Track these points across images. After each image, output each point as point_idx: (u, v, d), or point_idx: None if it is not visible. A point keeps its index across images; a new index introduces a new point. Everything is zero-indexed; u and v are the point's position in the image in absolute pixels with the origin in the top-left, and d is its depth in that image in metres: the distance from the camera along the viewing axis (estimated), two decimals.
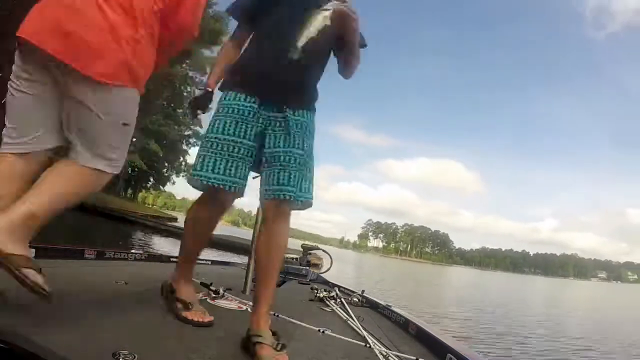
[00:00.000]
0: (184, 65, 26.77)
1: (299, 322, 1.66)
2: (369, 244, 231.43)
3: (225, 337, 1.34)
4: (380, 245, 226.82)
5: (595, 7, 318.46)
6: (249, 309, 1.78)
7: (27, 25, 1.06)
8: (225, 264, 3.41)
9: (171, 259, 2.98)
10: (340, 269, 3.69)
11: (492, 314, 10.68)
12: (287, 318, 1.69)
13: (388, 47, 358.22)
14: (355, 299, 2.48)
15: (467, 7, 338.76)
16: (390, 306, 2.29)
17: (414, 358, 1.41)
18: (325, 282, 3.22)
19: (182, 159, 37.13)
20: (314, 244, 3.89)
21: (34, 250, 2.02)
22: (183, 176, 38.57)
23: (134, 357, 0.97)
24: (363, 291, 2.69)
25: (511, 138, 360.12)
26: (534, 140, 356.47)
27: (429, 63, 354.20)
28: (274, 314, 1.72)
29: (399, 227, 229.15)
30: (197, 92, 1.51)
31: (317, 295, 2.34)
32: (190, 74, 29.34)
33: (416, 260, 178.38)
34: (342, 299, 2.30)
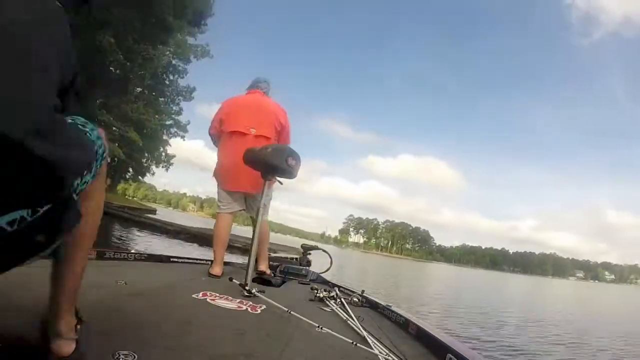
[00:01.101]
0: (167, 53, 26.04)
1: (298, 322, 1.66)
2: (350, 240, 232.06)
3: (225, 337, 1.34)
4: (361, 240, 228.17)
5: (582, 16, 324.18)
6: (249, 309, 1.80)
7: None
8: (225, 264, 3.41)
9: (171, 259, 3.01)
10: (323, 263, 3.72)
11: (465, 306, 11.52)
12: (297, 314, 1.70)
13: (376, 45, 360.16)
14: (355, 299, 2.48)
15: (454, 7, 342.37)
16: (390, 306, 2.29)
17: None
18: (325, 282, 3.22)
19: (162, 149, 36.15)
20: (314, 244, 3.88)
21: None
22: (163, 167, 37.78)
23: (134, 357, 0.98)
24: (363, 291, 2.69)
25: (494, 138, 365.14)
26: (516, 141, 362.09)
27: (417, 62, 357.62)
28: (287, 310, 1.74)
29: (380, 223, 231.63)
30: None
31: (317, 295, 2.34)
32: (173, 61, 28.64)
33: (397, 256, 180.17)
34: (342, 299, 2.30)
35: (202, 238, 15.51)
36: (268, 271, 2.97)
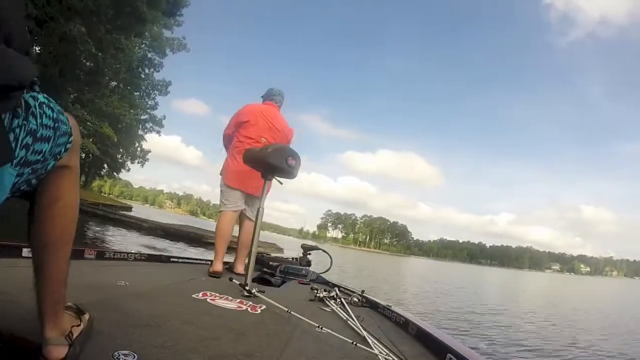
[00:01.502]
0: (142, 45, 25.37)
1: (298, 322, 1.66)
2: (328, 235, 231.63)
3: (225, 337, 1.33)
4: (340, 235, 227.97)
5: (560, 16, 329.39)
6: (249, 309, 1.80)
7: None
8: (225, 264, 3.41)
9: (171, 259, 3.02)
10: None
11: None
12: (296, 314, 1.70)
13: (357, 41, 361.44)
14: (355, 299, 2.49)
15: (436, 5, 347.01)
16: (390, 306, 2.30)
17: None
18: (325, 282, 3.23)
19: (137, 144, 35.41)
20: (313, 244, 3.89)
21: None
22: (138, 162, 36.96)
23: (134, 357, 0.97)
24: (363, 291, 2.70)
25: (473, 135, 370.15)
26: (494, 138, 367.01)
27: (397, 58, 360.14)
28: (287, 310, 1.74)
29: (358, 218, 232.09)
30: None
31: (317, 295, 2.34)
32: (149, 55, 27.97)
33: (375, 251, 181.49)
34: (342, 299, 2.30)
35: (176, 235, 15.46)
36: (241, 271, 2.98)
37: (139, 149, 35.73)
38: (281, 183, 2.69)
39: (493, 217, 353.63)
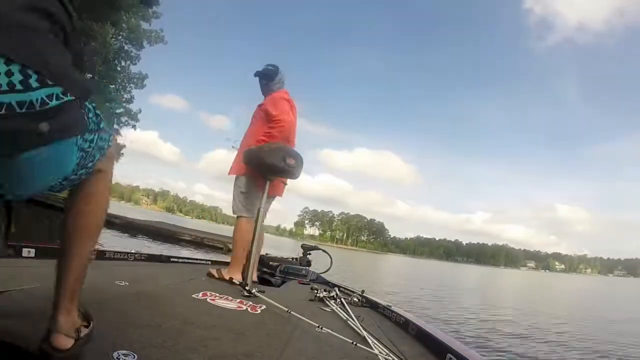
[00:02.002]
0: (119, 37, 24.55)
1: (298, 322, 1.66)
2: (306, 232, 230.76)
3: (225, 337, 1.33)
4: (317, 233, 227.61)
5: (539, 21, 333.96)
6: (249, 309, 1.80)
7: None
8: (225, 264, 3.38)
9: (171, 259, 3.02)
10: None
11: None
12: (296, 314, 1.70)
13: (334, 38, 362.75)
14: (355, 299, 2.49)
15: (417, 5, 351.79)
16: (390, 306, 2.31)
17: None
18: (325, 282, 3.24)
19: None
20: (313, 244, 3.88)
21: (34, 250, 1.89)
22: None
23: (134, 357, 0.98)
24: (363, 291, 2.70)
25: (449, 134, 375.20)
26: (471, 138, 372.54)
27: (375, 56, 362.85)
28: (287, 310, 1.74)
29: (335, 216, 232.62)
30: None
31: (317, 295, 2.35)
32: (126, 47, 27.11)
33: (352, 248, 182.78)
34: (342, 299, 2.31)
35: (149, 231, 15.35)
36: (237, 277, 2.60)
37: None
38: (285, 184, 2.67)
39: (469, 216, 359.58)
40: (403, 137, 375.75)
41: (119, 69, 28.20)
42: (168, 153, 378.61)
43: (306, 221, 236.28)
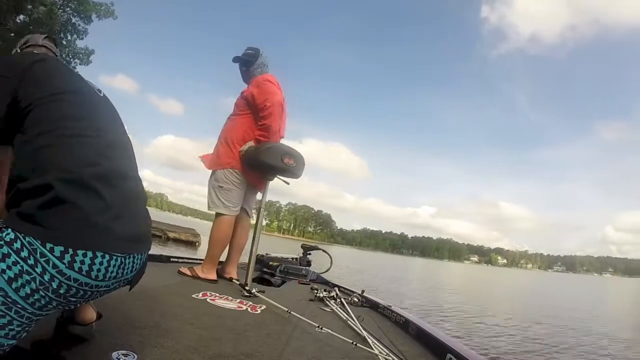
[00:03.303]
0: (67, 8, 23.60)
1: (298, 322, 1.66)
2: (252, 222, 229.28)
3: (225, 337, 1.33)
4: (264, 223, 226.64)
5: (493, 30, 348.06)
6: (249, 309, 1.80)
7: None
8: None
9: (171, 259, 3.00)
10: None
11: None
12: (296, 314, 1.70)
13: (292, 28, 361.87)
14: (355, 299, 2.49)
15: (377, 2, 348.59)
16: (390, 306, 2.29)
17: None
18: (325, 282, 3.23)
19: None
20: (313, 244, 3.89)
21: None
22: None
23: (134, 357, 0.98)
24: (363, 291, 2.69)
25: (400, 131, 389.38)
26: (421, 135, 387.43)
27: (331, 48, 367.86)
28: (287, 310, 1.74)
29: (282, 206, 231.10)
30: None
31: (317, 295, 2.35)
32: (73, 20, 25.81)
33: (299, 239, 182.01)
34: (342, 299, 2.31)
35: None
36: (235, 276, 2.55)
37: None
38: (287, 183, 2.63)
39: (415, 210, 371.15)
40: (354, 129, 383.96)
41: (64, 42, 26.71)
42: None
43: (253, 210, 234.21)
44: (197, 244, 16.58)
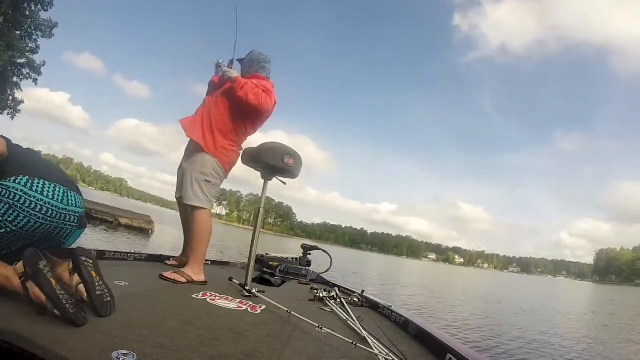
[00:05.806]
0: None
1: (298, 322, 1.66)
2: (212, 211, 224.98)
3: (225, 337, 1.33)
4: (224, 212, 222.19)
5: (463, 38, 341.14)
6: (249, 309, 1.80)
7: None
8: (225, 264, 3.42)
9: (171, 259, 2.95)
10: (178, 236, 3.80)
11: None
12: (297, 314, 1.70)
13: (261, 17, 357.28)
14: (355, 299, 2.49)
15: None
16: (390, 306, 2.30)
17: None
18: (325, 282, 3.23)
19: (9, 92, 26.59)
20: (314, 244, 3.88)
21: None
22: (8, 114, 27.42)
23: (134, 357, 0.97)
24: (363, 291, 2.70)
25: (366, 126, 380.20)
26: (386, 133, 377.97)
27: (301, 40, 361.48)
28: (287, 311, 1.74)
29: (243, 196, 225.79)
30: None
31: (317, 295, 2.34)
32: None
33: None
34: (342, 299, 2.31)
35: None
36: (203, 278, 2.31)
37: (10, 97, 26.86)
38: (284, 183, 2.63)
39: (376, 206, 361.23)
40: (320, 124, 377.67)
41: (27, 13, 23.26)
42: (77, 117, 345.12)
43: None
44: (150, 231, 15.70)
